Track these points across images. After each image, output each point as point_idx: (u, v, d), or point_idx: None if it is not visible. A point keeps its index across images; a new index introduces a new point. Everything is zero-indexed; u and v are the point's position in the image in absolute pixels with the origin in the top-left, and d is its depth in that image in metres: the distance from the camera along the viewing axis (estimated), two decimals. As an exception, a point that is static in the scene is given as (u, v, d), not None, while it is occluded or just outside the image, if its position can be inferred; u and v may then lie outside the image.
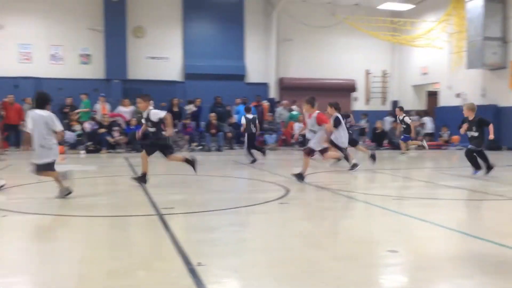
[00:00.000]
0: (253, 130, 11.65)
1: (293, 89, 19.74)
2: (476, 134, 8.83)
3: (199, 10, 19.58)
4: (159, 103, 17.51)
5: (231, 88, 18.95)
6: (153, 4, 19.13)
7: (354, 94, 21.48)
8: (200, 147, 16.10)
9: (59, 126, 6.38)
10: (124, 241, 4.41)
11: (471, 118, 8.92)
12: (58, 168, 6.57)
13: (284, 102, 18.88)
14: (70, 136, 14.99)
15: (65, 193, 6.32)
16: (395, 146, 16.46)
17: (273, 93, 20.28)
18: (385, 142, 17.92)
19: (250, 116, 11.83)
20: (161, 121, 7.66)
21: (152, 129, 7.76)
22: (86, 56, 18.57)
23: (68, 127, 15.15)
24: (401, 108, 14.30)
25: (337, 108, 10.26)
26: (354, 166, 9.78)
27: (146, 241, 4.39)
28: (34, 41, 17.94)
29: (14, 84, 17.34)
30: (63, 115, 15.67)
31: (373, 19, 19.00)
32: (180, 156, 8.34)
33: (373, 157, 10.66)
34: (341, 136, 10.04)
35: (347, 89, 21.00)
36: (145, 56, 19.07)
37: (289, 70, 20.67)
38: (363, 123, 19.42)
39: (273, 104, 19.28)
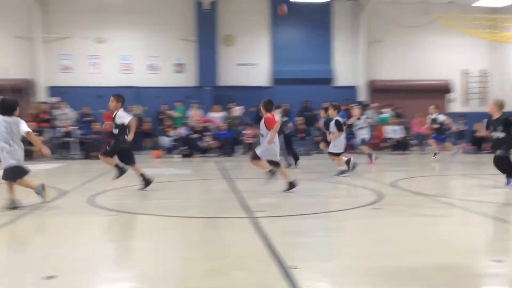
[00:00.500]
0: (286, 132, 11.56)
1: (384, 92, 19.23)
2: (502, 135, 7.57)
3: (286, 17, 19.74)
4: (248, 108, 17.93)
5: (319, 92, 18.85)
6: (242, 12, 19.61)
7: (450, 95, 20.41)
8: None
9: (25, 128, 6.08)
10: (219, 242, 4.56)
11: (496, 116, 7.71)
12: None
13: (374, 105, 18.42)
14: (166, 141, 15.80)
15: (11, 206, 5.93)
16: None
17: (362, 96, 19.88)
18: (485, 145, 16.78)
19: (283, 118, 11.77)
20: (125, 125, 7.47)
21: (115, 131, 7.62)
22: (180, 65, 19.49)
23: (164, 132, 15.99)
24: (436, 106, 14.00)
25: (338, 110, 9.91)
26: (342, 172, 9.53)
27: (240, 243, 4.50)
28: (133, 52, 19.17)
29: (116, 93, 18.61)
30: (159, 121, 16.58)
31: (469, 16, 17.94)
32: (138, 167, 7.77)
33: (350, 164, 10.02)
34: (341, 142, 9.66)
35: (442, 90, 20.02)
36: (235, 63, 19.60)
37: (380, 72, 20.13)
38: (459, 125, 18.36)
39: (363, 107, 18.87)
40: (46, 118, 15.50)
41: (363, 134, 13.14)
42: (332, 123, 9.79)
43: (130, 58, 19.24)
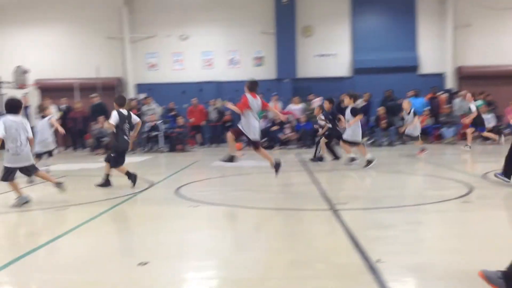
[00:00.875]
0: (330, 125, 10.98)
1: (473, 78, 18.12)
2: None
3: (368, 3, 19.21)
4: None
5: (403, 80, 18.16)
6: (321, 2, 19.37)
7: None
8: (371, 141, 15.82)
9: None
10: (302, 234, 4.59)
11: None
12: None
13: (463, 92, 17.41)
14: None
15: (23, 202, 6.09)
16: None
17: (450, 83, 18.87)
18: None
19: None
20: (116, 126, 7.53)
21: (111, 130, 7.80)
22: (259, 58, 19.69)
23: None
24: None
25: (355, 98, 10.12)
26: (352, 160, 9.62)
27: (322, 235, 4.49)
28: (214, 48, 19.67)
29: (199, 88, 19.29)
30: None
31: None
32: (124, 168, 7.59)
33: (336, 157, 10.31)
34: (358, 130, 9.74)
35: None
36: (314, 54, 19.43)
37: (468, 58, 18.97)
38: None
39: (451, 95, 17.93)
40: (135, 114, 16.40)
41: (410, 128, 12.38)
42: (347, 111, 9.83)
43: (211, 53, 19.76)
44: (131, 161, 11.71)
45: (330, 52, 19.44)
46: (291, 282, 3.17)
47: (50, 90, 18.67)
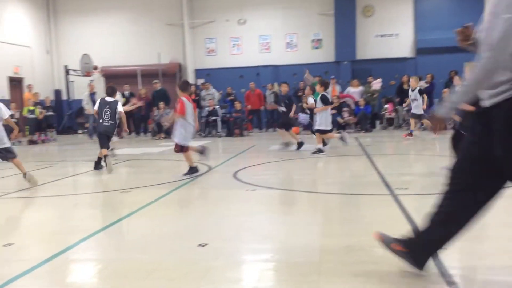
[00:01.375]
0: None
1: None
2: None
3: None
4: (389, 81, 17.22)
5: (469, 60, 17.27)
6: (382, -20, 18.74)
7: None
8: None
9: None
10: (360, 219, 4.52)
11: None
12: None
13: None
14: (303, 118, 15.97)
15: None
16: None
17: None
18: None
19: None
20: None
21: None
22: (317, 41, 19.41)
23: (302, 109, 16.17)
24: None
25: (326, 86, 9.81)
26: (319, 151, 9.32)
27: (381, 220, 4.41)
28: (272, 32, 19.59)
29: (256, 72, 19.33)
30: (297, 98, 16.78)
31: None
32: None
33: (300, 145, 10.13)
34: (328, 118, 9.56)
35: None
36: (374, 35, 18.89)
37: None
38: None
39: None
40: (194, 99, 16.72)
41: (414, 106, 12.38)
42: (318, 99, 9.54)
43: (269, 37, 19.70)
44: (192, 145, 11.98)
45: (391, 32, 18.82)
46: (347, 267, 3.14)
47: (114, 77, 19.39)
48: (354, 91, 16.56)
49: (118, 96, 16.33)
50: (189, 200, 5.90)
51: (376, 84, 16.64)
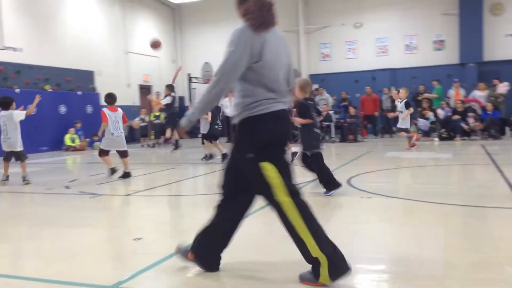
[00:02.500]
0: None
1: None
2: None
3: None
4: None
5: None
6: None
7: None
8: None
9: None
10: (486, 233, 4.18)
11: None
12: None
13: None
14: (423, 123, 15.19)
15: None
16: None
17: None
18: None
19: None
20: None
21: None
22: (439, 42, 18.39)
23: (421, 115, 15.40)
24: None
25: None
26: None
27: (511, 236, 4.03)
28: (389, 34, 18.98)
29: (372, 76, 18.85)
30: (417, 102, 16.02)
31: None
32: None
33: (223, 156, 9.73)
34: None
35: None
36: (504, 34, 17.39)
37: None
38: None
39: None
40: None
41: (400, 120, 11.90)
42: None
43: (386, 40, 19.12)
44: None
45: (524, 31, 17.20)
46: (474, 284, 2.92)
47: (232, 83, 20.13)
48: (481, 95, 15.37)
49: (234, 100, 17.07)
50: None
51: (503, 88, 15.25)
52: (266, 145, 2.90)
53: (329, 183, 5.98)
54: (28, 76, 15.20)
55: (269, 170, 2.89)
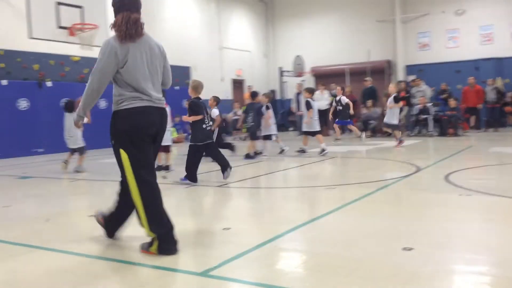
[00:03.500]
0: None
1: None
2: None
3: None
4: None
5: None
6: None
7: None
8: None
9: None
10: None
11: None
12: None
13: None
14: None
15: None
16: None
17: None
18: None
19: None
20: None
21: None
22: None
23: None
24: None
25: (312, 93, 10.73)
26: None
27: None
28: (495, 21, 17.61)
29: (474, 66, 17.61)
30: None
31: None
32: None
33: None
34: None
35: None
36: None
37: None
38: None
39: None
40: (404, 96, 16.07)
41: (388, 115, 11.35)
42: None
43: (491, 27, 17.77)
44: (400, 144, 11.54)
45: None
46: None
47: (323, 77, 19.95)
48: None
49: (326, 94, 16.89)
50: (395, 201, 5.68)
51: None
52: (124, 135, 3.53)
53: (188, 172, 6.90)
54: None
55: (123, 156, 3.55)
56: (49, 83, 13.62)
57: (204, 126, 7.00)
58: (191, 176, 6.87)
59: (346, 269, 3.13)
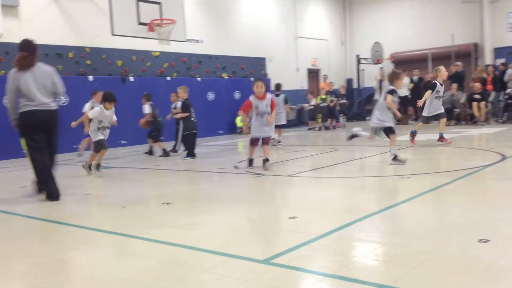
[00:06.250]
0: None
1: None
2: None
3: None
4: None
5: None
6: None
7: None
8: None
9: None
10: None
11: None
12: None
13: None
14: None
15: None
16: None
17: None
18: None
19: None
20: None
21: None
22: None
23: None
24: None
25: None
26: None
27: None
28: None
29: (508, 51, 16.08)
30: None
31: None
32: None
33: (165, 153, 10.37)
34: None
35: None
36: None
37: None
38: None
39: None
40: (491, 80, 15.01)
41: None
42: None
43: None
44: (482, 132, 10.81)
45: None
46: None
47: (404, 63, 19.18)
48: None
49: (406, 80, 16.20)
50: (473, 191, 5.32)
51: None
52: (22, 128, 5.77)
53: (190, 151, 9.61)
54: (208, 65, 16.61)
55: (23, 141, 5.79)
56: (131, 78, 14.33)
57: (192, 119, 9.68)
58: (191, 153, 9.63)
59: (415, 260, 2.98)
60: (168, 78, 14.86)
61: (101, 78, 13.61)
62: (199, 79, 15.89)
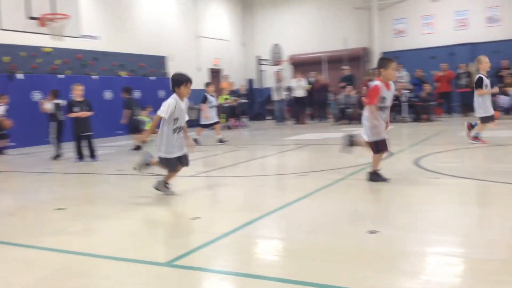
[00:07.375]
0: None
1: None
2: None
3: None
4: None
5: None
6: None
7: None
8: None
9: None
10: None
11: None
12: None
13: None
14: (504, 100, 14.17)
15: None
16: None
17: None
18: None
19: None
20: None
21: None
22: (524, 13, 16.96)
23: (503, 91, 14.34)
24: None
25: None
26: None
27: None
28: (470, 6, 17.81)
29: (449, 52, 17.81)
30: (499, 78, 14.92)
31: None
32: None
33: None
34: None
35: None
36: None
37: None
38: None
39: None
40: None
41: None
42: None
43: (466, 13, 17.96)
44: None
45: None
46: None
47: (301, 65, 19.95)
48: None
49: (303, 82, 16.91)
50: (364, 186, 5.71)
51: None
52: None
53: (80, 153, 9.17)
54: (104, 63, 15.95)
55: None
56: (20, 75, 13.32)
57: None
58: (81, 155, 9.32)
59: (314, 253, 3.14)
60: (61, 76, 14.04)
61: (-16, 75, 12.50)
62: (95, 77, 15.20)
